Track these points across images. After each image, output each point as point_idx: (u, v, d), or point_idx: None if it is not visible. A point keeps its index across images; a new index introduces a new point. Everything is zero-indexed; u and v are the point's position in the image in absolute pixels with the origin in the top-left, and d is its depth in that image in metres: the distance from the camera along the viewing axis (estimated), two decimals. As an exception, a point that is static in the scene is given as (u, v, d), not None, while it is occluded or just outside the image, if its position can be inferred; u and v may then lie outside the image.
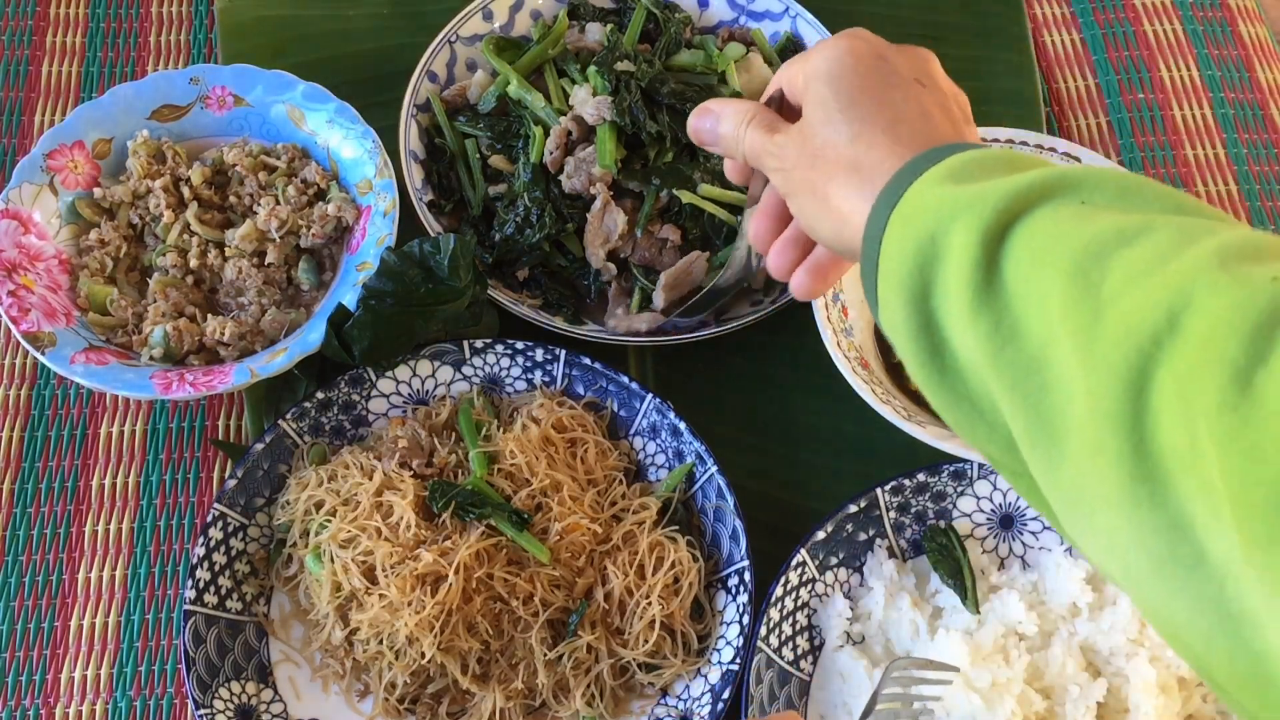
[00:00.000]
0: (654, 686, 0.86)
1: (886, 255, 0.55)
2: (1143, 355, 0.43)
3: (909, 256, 0.53)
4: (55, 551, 0.94)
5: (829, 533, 0.87)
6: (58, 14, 1.19)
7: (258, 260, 0.98)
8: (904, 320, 0.54)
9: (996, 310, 0.50)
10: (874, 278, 0.57)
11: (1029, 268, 0.49)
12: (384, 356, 0.92)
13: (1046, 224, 0.50)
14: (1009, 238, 0.50)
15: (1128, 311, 0.45)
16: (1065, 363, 0.47)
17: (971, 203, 0.51)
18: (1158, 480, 0.42)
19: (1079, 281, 0.47)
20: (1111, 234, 0.47)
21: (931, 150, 0.58)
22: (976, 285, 0.50)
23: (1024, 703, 0.80)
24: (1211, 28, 1.21)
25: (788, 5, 1.09)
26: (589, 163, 0.98)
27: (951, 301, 0.52)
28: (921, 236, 0.53)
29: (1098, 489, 0.45)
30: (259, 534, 0.90)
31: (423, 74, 1.05)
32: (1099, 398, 0.45)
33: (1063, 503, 0.49)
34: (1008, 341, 0.49)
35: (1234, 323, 0.41)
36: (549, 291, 1.00)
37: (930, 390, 0.55)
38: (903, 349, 0.56)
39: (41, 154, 0.98)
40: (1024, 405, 0.49)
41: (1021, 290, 0.49)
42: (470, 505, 0.85)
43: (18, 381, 1.00)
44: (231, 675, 0.84)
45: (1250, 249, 0.45)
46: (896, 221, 0.55)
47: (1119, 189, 0.51)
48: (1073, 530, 0.49)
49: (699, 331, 0.96)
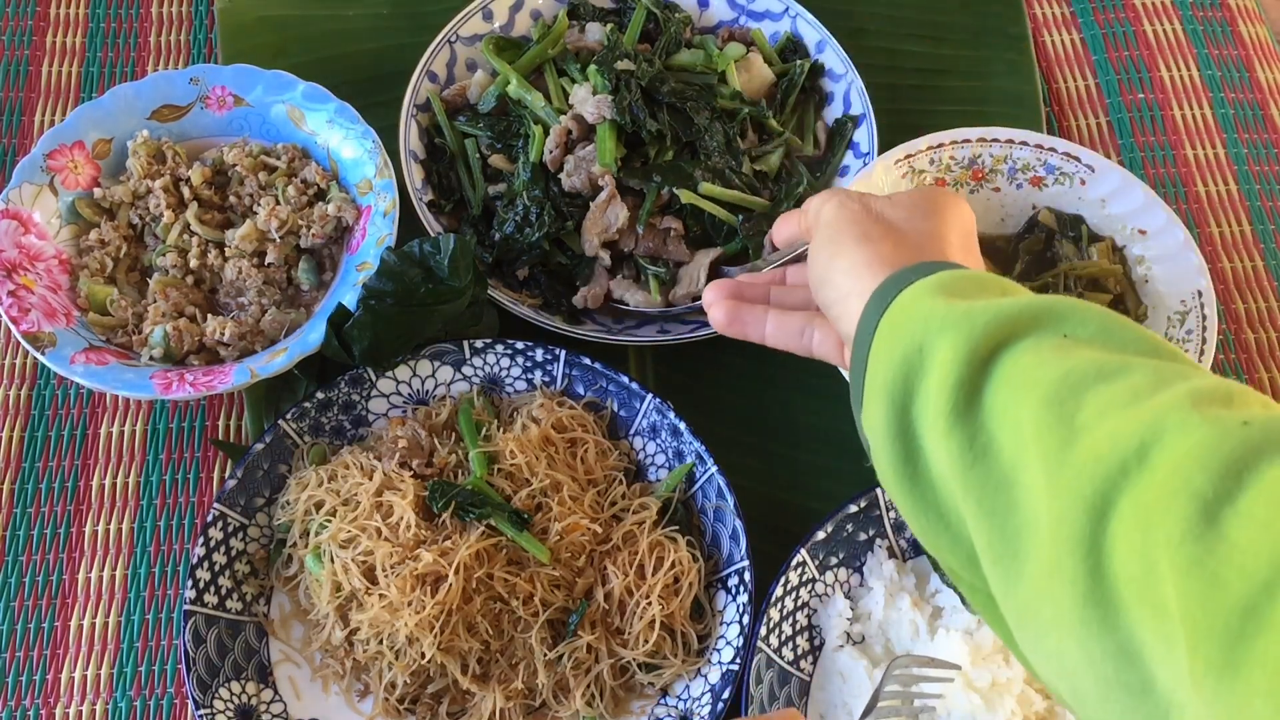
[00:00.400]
0: (654, 686, 0.86)
1: (875, 358, 0.58)
2: (1108, 483, 0.45)
3: (895, 363, 0.56)
4: (55, 551, 0.94)
5: (829, 533, 0.87)
6: (58, 14, 1.19)
7: (258, 260, 0.98)
8: (883, 423, 0.56)
9: (973, 427, 0.52)
10: (861, 378, 0.59)
11: (1008, 392, 0.51)
12: (384, 356, 0.92)
13: (1029, 355, 0.52)
14: (994, 364, 0.52)
15: (1099, 441, 0.46)
16: (1033, 484, 0.49)
17: (959, 321, 0.54)
18: (1110, 605, 0.44)
19: (1054, 409, 0.49)
20: (1090, 369, 0.49)
21: (921, 264, 0.61)
22: (956, 402, 0.52)
23: (1024, 703, 0.80)
24: (1211, 28, 1.21)
25: (788, 5, 1.09)
26: (589, 161, 0.98)
27: (930, 414, 0.54)
28: (909, 346, 0.55)
29: (1052, 609, 0.46)
30: (259, 534, 0.90)
31: (423, 74, 1.05)
32: (1061, 521, 0.46)
33: (1017, 620, 0.50)
34: (979, 458, 0.51)
35: (1203, 459, 0.43)
36: (549, 291, 1.00)
37: (900, 495, 0.57)
38: (878, 450, 0.58)
39: (41, 154, 0.98)
40: (989, 521, 0.50)
41: (998, 412, 0.51)
42: (470, 505, 0.85)
43: (18, 381, 1.00)
44: (231, 675, 0.84)
45: (1222, 394, 0.47)
46: (886, 326, 0.58)
47: (1100, 325, 0.53)
48: (1026, 648, 0.50)
49: (699, 332, 0.96)
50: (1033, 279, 0.96)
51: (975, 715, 0.80)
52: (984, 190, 0.99)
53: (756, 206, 1.00)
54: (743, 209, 1.00)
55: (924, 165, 0.97)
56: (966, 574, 0.55)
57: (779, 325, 0.75)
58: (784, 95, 1.07)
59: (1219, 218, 1.11)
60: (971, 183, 0.99)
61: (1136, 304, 0.96)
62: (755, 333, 0.76)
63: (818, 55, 1.08)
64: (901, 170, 0.96)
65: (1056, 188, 0.98)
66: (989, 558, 0.51)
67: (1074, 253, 0.97)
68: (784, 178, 1.04)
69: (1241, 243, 1.10)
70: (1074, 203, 0.98)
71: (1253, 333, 1.06)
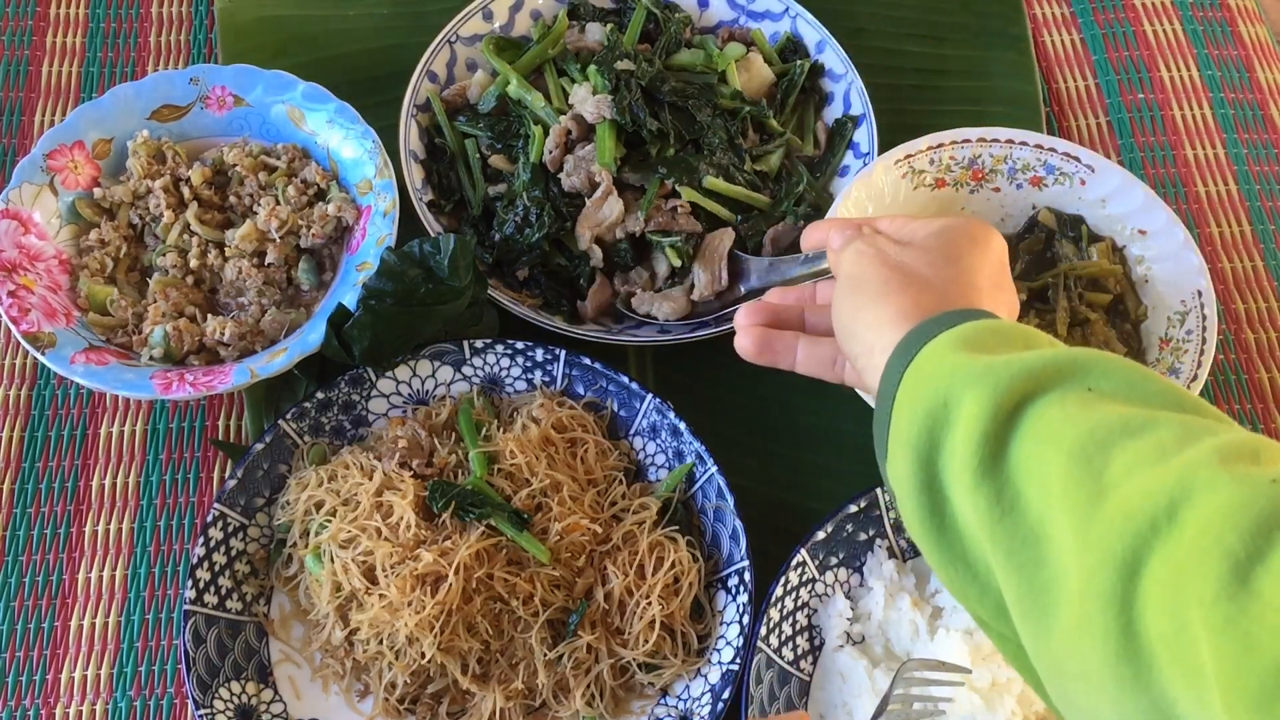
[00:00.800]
0: (654, 686, 0.86)
1: (899, 412, 0.58)
2: (1139, 539, 0.45)
3: (920, 417, 0.56)
4: (55, 551, 0.94)
5: (829, 533, 0.87)
6: (58, 14, 1.19)
7: (258, 260, 0.98)
8: (909, 475, 0.56)
9: (999, 482, 0.52)
10: (886, 430, 0.59)
11: (1034, 446, 0.51)
12: (384, 356, 0.92)
13: (1054, 410, 0.52)
14: (1019, 418, 0.53)
15: (1127, 498, 0.46)
16: (1061, 539, 0.49)
17: (983, 375, 0.54)
18: (1143, 663, 0.44)
19: (1082, 465, 0.49)
20: (1116, 424, 0.50)
21: (945, 315, 0.61)
22: (983, 457, 0.52)
23: (1024, 703, 0.80)
24: (1211, 28, 1.21)
25: (788, 5, 1.09)
26: (588, 161, 0.98)
27: (956, 467, 0.54)
28: (934, 401, 0.55)
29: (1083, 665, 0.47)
30: (259, 534, 0.90)
31: (423, 74, 1.05)
32: (1091, 577, 0.46)
33: (1048, 673, 0.50)
34: (1007, 513, 0.51)
35: (1234, 518, 0.43)
36: (548, 291, 1.00)
37: (927, 546, 0.57)
38: (904, 502, 0.58)
39: (41, 154, 0.98)
40: (1018, 575, 0.51)
41: (1025, 467, 0.51)
42: (470, 505, 0.85)
43: (18, 381, 1.00)
44: (231, 675, 0.84)
45: (1249, 450, 0.47)
46: (909, 381, 0.58)
47: (1124, 378, 0.53)
48: (1057, 700, 0.51)
49: (699, 332, 0.96)
50: (1033, 279, 0.96)
51: (975, 715, 0.80)
52: (984, 190, 0.99)
53: (758, 204, 1.00)
54: (742, 207, 1.00)
55: (924, 165, 0.97)
56: (996, 624, 0.55)
57: (809, 354, 0.75)
58: (784, 95, 1.07)
59: (1219, 218, 1.11)
60: (971, 183, 0.99)
61: (1136, 304, 0.96)
62: (785, 361, 0.75)
63: (818, 55, 1.08)
64: (901, 170, 0.96)
65: (1056, 188, 0.98)
66: (1018, 611, 0.51)
67: (1074, 253, 0.97)
68: (784, 177, 1.04)
69: (1241, 243, 1.10)
70: (1074, 203, 0.98)
71: (1253, 333, 1.06)
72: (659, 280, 0.99)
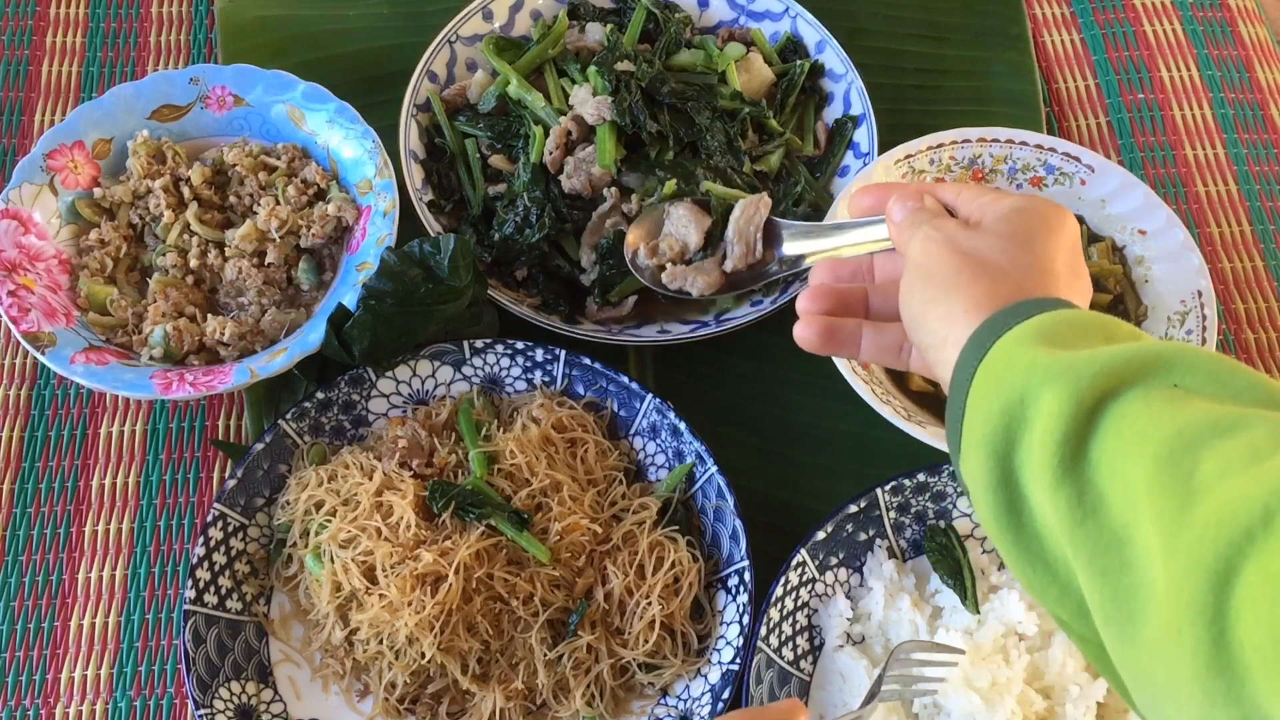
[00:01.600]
0: (654, 686, 0.86)
1: (973, 407, 0.56)
2: (1232, 548, 0.43)
3: (995, 414, 0.54)
4: (55, 551, 0.94)
5: (829, 533, 0.87)
6: (58, 14, 1.19)
7: (258, 260, 0.98)
8: (984, 473, 0.54)
9: (1080, 483, 0.50)
10: (959, 425, 0.57)
11: (1116, 445, 0.49)
12: (384, 356, 0.92)
13: (1138, 406, 0.50)
14: (1100, 417, 0.51)
15: (1220, 504, 0.45)
16: (1147, 545, 0.47)
17: (1063, 372, 0.52)
18: (1235, 675, 0.42)
19: (1169, 467, 0.47)
20: (1205, 424, 0.48)
21: (1020, 305, 0.58)
22: (1063, 458, 0.51)
23: (1024, 703, 0.80)
24: (1211, 28, 1.21)
25: (788, 5, 1.09)
26: (589, 162, 0.98)
27: (1035, 467, 0.52)
28: (1009, 397, 0.53)
29: (1170, 675, 0.45)
30: (259, 534, 0.90)
31: (423, 74, 1.05)
32: (1181, 585, 0.45)
33: (1133, 681, 0.49)
34: (1089, 515, 0.50)
35: None
36: (548, 291, 1.00)
37: (1004, 545, 0.55)
38: (978, 499, 0.56)
39: (41, 154, 0.98)
40: (1101, 580, 0.49)
41: (1108, 468, 0.50)
42: (470, 505, 0.85)
43: (18, 381, 1.00)
44: (231, 675, 0.84)
45: None
46: (984, 376, 0.56)
47: (1211, 373, 0.51)
48: (1143, 706, 0.49)
49: (699, 331, 0.95)
50: (1033, 279, 0.96)
51: (975, 715, 0.80)
52: (984, 190, 0.99)
53: (756, 206, 1.00)
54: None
55: (924, 165, 0.97)
56: (1077, 625, 0.54)
57: (875, 343, 0.72)
58: (784, 95, 1.07)
59: (1219, 218, 1.11)
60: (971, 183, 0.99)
61: (1136, 304, 0.96)
62: (849, 351, 0.72)
63: (818, 55, 1.08)
64: (901, 170, 0.96)
65: (1056, 188, 0.98)
66: (1101, 617, 0.50)
67: (1074, 253, 0.97)
68: (784, 178, 1.04)
69: (1241, 243, 1.10)
70: (1074, 203, 0.98)
71: (1253, 333, 1.06)
72: (690, 251, 0.95)
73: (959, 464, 0.58)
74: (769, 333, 0.99)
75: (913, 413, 0.90)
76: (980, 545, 0.89)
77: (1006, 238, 0.63)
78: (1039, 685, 0.82)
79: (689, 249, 0.94)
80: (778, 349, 1.00)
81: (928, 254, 0.64)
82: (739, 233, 0.91)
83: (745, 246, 0.91)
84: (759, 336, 0.99)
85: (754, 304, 0.98)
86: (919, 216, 0.67)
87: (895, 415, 0.86)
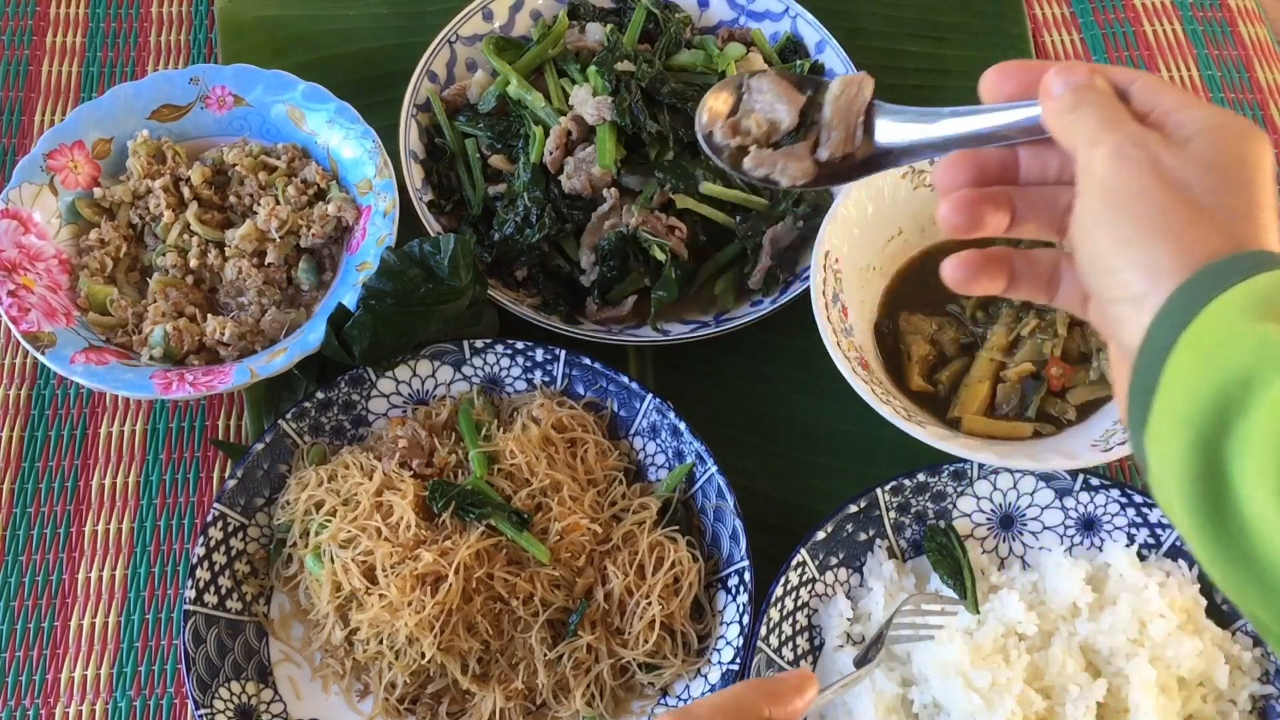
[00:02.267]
0: (654, 686, 0.86)
1: (1172, 382, 0.48)
2: None
3: (1206, 396, 0.46)
4: (55, 551, 0.94)
5: (829, 533, 0.87)
6: (58, 14, 1.19)
7: (258, 260, 0.98)
8: (1182, 459, 0.47)
9: None
10: (1149, 397, 0.49)
11: None
12: (384, 356, 0.92)
13: None
14: None
15: None
16: None
17: None
18: None
19: None
20: None
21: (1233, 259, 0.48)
22: None
23: (1024, 703, 0.80)
24: (1211, 28, 1.21)
25: (788, 5, 1.09)
26: (589, 163, 0.98)
27: (1257, 464, 0.45)
28: (1227, 378, 0.46)
29: None
30: (259, 534, 0.90)
31: (423, 74, 1.05)
32: None
33: None
34: None
35: None
36: (548, 291, 1.00)
37: (1197, 537, 0.48)
38: (1168, 483, 0.48)
39: (41, 154, 0.98)
40: None
41: None
42: (470, 505, 0.85)
43: (18, 381, 1.00)
44: (231, 675, 0.84)
45: None
46: (1190, 346, 0.47)
47: None
48: None
49: (699, 332, 0.95)
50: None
51: (975, 715, 0.80)
52: (984, 190, 0.99)
53: (756, 206, 1.00)
54: (740, 209, 1.00)
55: (924, 165, 0.97)
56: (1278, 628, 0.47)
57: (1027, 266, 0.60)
58: (784, 95, 1.07)
59: (1219, 218, 1.11)
60: (971, 183, 0.98)
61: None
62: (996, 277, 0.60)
63: (818, 55, 1.08)
64: (901, 170, 0.96)
65: (1056, 188, 0.98)
66: None
67: (1074, 253, 0.96)
68: (784, 178, 1.04)
69: (1241, 243, 1.10)
70: (1074, 203, 0.97)
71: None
72: (780, 132, 0.78)
73: (1142, 440, 0.49)
74: (769, 333, 0.99)
75: (913, 413, 0.90)
76: (980, 545, 0.89)
77: (1214, 169, 0.51)
78: (1039, 685, 0.82)
79: (778, 129, 0.79)
80: (778, 349, 1.00)
81: (1123, 175, 0.51)
82: (839, 114, 0.77)
83: (845, 131, 0.77)
84: (759, 336, 0.99)
85: (754, 304, 0.98)
86: (1088, 98, 0.53)
87: (895, 415, 0.86)
